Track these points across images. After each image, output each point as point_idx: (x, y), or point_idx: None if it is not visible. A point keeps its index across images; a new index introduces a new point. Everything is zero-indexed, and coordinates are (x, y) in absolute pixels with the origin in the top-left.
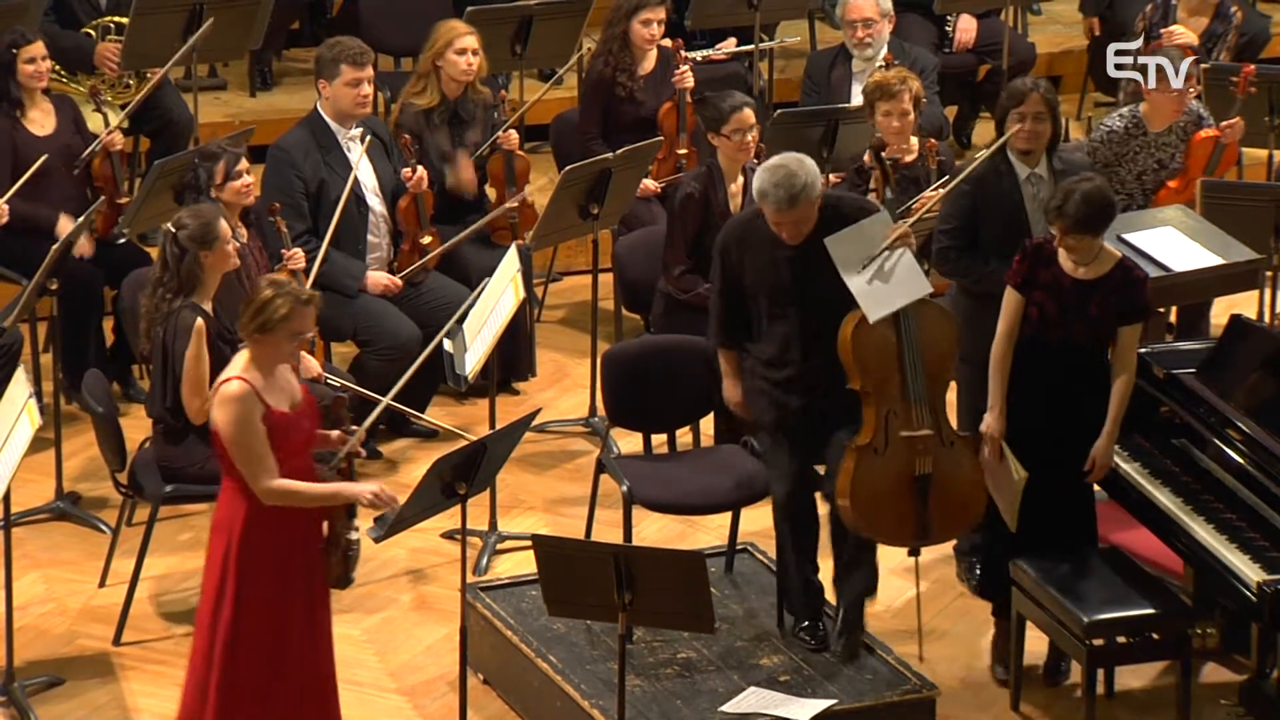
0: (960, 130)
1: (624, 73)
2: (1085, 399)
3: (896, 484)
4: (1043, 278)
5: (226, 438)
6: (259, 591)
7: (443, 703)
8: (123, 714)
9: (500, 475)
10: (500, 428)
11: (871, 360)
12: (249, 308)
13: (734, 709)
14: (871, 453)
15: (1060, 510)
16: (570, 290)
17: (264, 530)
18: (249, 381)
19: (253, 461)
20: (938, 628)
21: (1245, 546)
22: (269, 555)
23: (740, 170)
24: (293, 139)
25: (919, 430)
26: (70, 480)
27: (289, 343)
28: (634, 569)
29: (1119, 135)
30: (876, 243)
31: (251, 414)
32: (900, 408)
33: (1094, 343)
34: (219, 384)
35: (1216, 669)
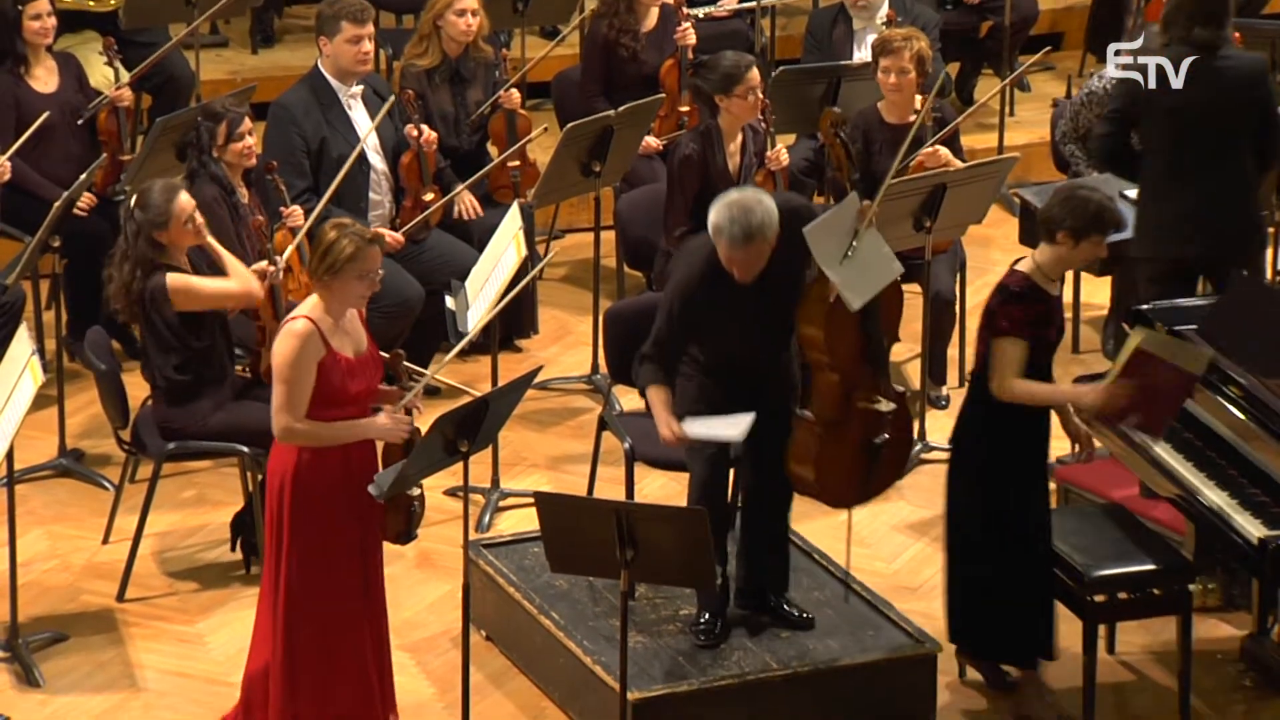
0: (962, 87)
1: (627, 32)
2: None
3: (855, 452)
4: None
5: (276, 369)
6: (311, 539)
7: (445, 659)
8: (126, 669)
9: (502, 432)
10: (502, 385)
11: (840, 340)
12: (315, 251)
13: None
14: (833, 424)
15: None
16: (572, 248)
17: (314, 475)
18: (315, 322)
19: (287, 397)
20: (940, 584)
21: (1247, 502)
22: (323, 500)
23: (739, 130)
24: (294, 97)
25: (884, 405)
26: (73, 437)
27: (358, 283)
28: (636, 526)
29: (1100, 95)
30: (849, 229)
31: (307, 355)
32: (865, 382)
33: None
34: (286, 320)
35: (1217, 625)
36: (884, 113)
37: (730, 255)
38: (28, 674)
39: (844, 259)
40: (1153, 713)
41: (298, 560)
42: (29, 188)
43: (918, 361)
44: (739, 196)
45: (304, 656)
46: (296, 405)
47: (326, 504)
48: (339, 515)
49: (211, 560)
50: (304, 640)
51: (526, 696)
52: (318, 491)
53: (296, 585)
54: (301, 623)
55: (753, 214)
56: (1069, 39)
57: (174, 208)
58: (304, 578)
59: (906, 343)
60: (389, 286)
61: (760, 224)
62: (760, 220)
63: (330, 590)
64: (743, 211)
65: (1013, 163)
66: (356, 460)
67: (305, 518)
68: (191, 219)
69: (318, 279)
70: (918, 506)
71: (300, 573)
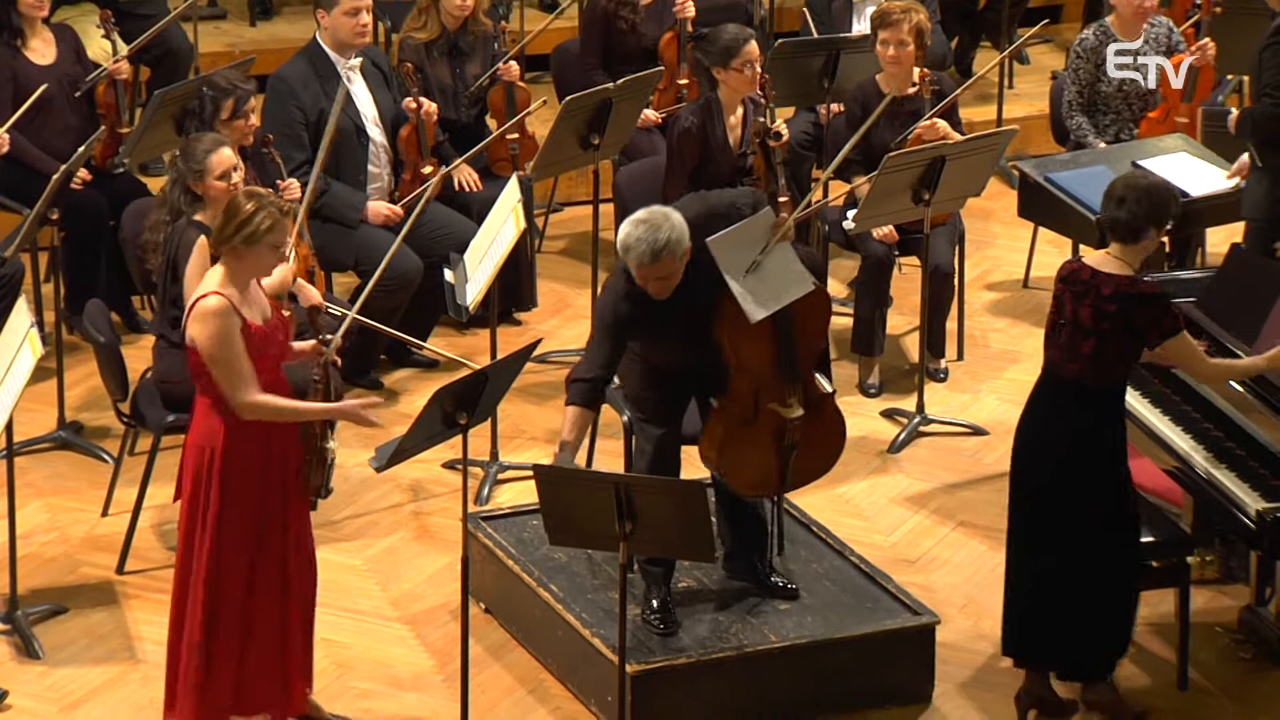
0: (961, 60)
1: (626, 5)
2: None
3: (764, 451)
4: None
5: (206, 353)
6: (240, 508)
7: (444, 631)
8: (125, 641)
9: (501, 405)
10: (501, 358)
11: (748, 346)
12: (230, 221)
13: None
14: (738, 419)
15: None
16: (571, 220)
17: (245, 445)
18: (227, 296)
19: (234, 376)
20: (938, 556)
21: (1245, 475)
22: (250, 471)
23: (739, 102)
24: (292, 69)
25: (792, 412)
26: (72, 410)
27: (270, 255)
28: (635, 498)
29: (1090, 44)
30: (759, 242)
31: (232, 328)
32: (773, 387)
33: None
34: (195, 299)
35: (1215, 597)
36: (882, 85)
37: (641, 274)
38: (27, 646)
39: (748, 271)
40: (1152, 685)
41: (225, 530)
42: (27, 160)
43: (916, 335)
44: (647, 215)
45: (225, 628)
46: (246, 378)
47: (255, 471)
48: (267, 481)
49: None
50: (226, 612)
51: (525, 668)
52: (246, 460)
53: (222, 555)
54: (225, 594)
55: (659, 231)
56: (1068, 11)
57: (211, 160)
58: (230, 547)
59: (906, 315)
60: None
61: (667, 241)
62: (667, 238)
63: (255, 559)
64: (650, 230)
65: (1011, 135)
66: (277, 427)
67: (234, 486)
68: (228, 175)
69: (231, 248)
70: (916, 479)
71: (227, 543)
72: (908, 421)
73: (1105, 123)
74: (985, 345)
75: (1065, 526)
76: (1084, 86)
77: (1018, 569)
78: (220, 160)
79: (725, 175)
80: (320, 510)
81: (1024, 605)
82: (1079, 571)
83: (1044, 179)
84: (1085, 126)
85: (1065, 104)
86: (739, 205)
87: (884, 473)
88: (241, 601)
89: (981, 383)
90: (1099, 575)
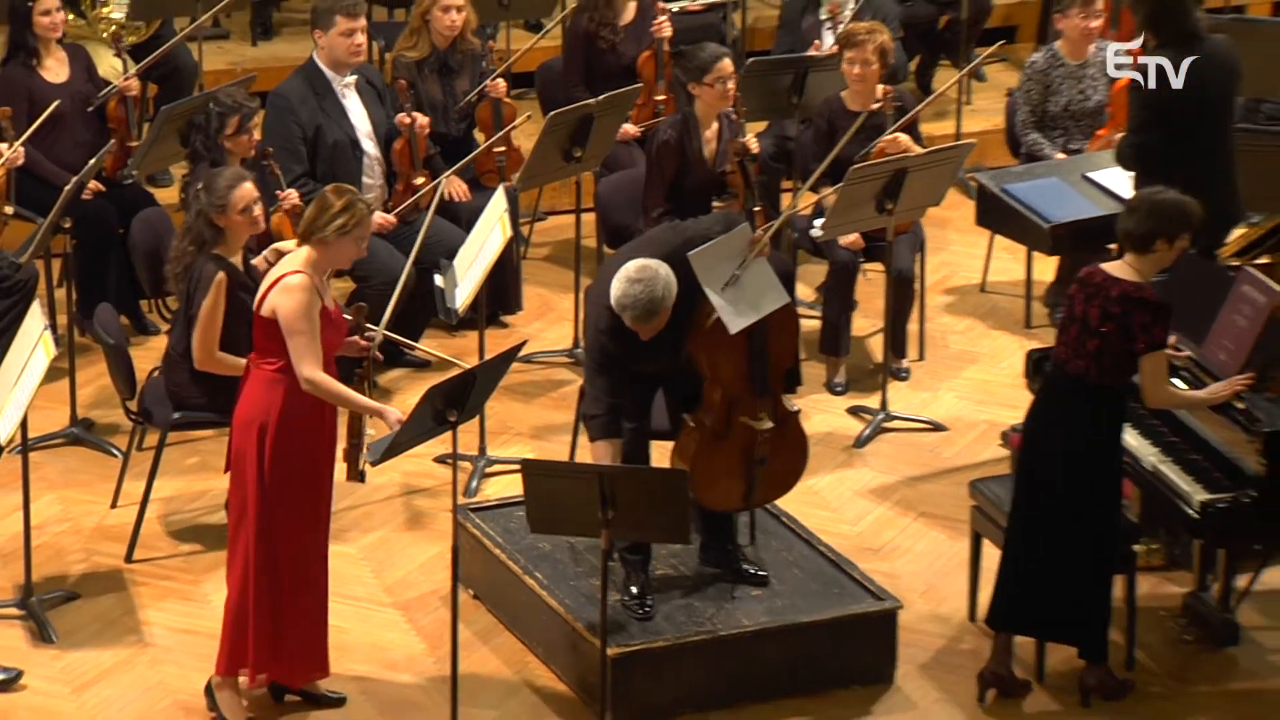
0: (922, 76)
1: (606, 25)
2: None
3: (733, 464)
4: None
5: (288, 324)
6: (292, 478)
7: (435, 617)
8: (134, 626)
9: (489, 403)
10: (489, 358)
11: (723, 360)
12: (323, 213)
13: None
14: (713, 435)
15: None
16: (555, 229)
17: (299, 420)
18: (310, 276)
19: (307, 346)
20: (900, 545)
21: (1189, 469)
22: (303, 444)
23: (715, 117)
24: (290, 86)
25: (762, 425)
26: (84, 407)
27: (354, 247)
28: (618, 488)
29: (1040, 66)
30: (737, 256)
31: (314, 304)
32: (746, 400)
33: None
34: (281, 275)
35: (1161, 583)
36: (847, 101)
37: (636, 327)
38: (41, 630)
39: (727, 285)
40: None
41: (279, 498)
42: (41, 173)
43: (880, 336)
44: (639, 274)
45: (286, 590)
46: (316, 353)
47: (309, 445)
48: (318, 456)
49: (214, 523)
50: (288, 582)
51: (511, 652)
52: (301, 432)
53: (275, 523)
54: (286, 567)
55: (654, 289)
56: (1023, 31)
57: (233, 196)
58: (284, 516)
59: (870, 318)
60: (380, 264)
61: (661, 297)
62: (660, 294)
63: (307, 527)
64: (645, 289)
65: (969, 148)
66: (330, 409)
67: (289, 458)
68: (249, 209)
69: (321, 237)
70: (879, 473)
71: (279, 511)
72: (872, 418)
73: (1055, 136)
74: (945, 346)
75: (1063, 511)
76: (1035, 106)
77: (1014, 547)
78: (242, 195)
79: (701, 186)
80: None
81: (1018, 581)
82: (1072, 553)
83: (1000, 190)
84: (1040, 141)
85: (1019, 123)
86: (712, 232)
87: (850, 466)
88: (297, 566)
89: (941, 381)
90: (1087, 559)
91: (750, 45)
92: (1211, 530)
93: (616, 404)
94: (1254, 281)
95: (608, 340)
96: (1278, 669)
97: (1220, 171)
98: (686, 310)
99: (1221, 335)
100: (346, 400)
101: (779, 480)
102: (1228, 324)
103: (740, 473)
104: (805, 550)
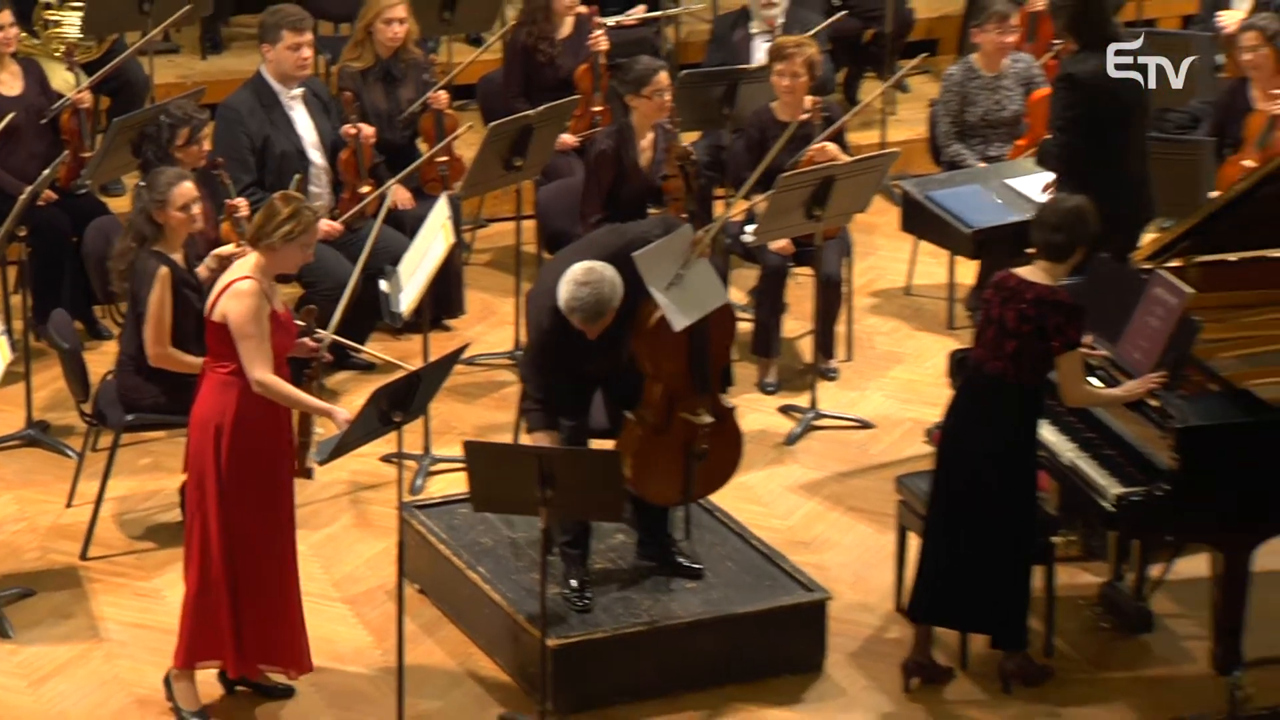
0: (849, 88)
1: (544, 39)
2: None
3: (674, 458)
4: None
5: (238, 328)
6: (249, 477)
7: (382, 610)
8: (89, 621)
9: (433, 404)
10: (433, 360)
11: (665, 356)
12: (270, 220)
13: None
14: (654, 430)
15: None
16: (496, 235)
17: (254, 421)
18: (258, 281)
19: (257, 351)
20: (829, 538)
21: (1105, 464)
22: (259, 444)
23: (651, 128)
24: (239, 99)
25: (702, 419)
26: (39, 410)
27: (300, 253)
28: (555, 469)
29: (957, 79)
30: (680, 256)
31: (262, 309)
32: (686, 395)
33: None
34: (230, 281)
35: (1078, 573)
36: (777, 112)
37: (584, 328)
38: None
39: (671, 284)
40: None
41: (236, 496)
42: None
43: (809, 338)
44: (586, 277)
45: (248, 591)
46: (266, 356)
47: (265, 444)
48: (275, 454)
49: (166, 521)
50: (247, 576)
51: (455, 644)
52: (256, 433)
53: (232, 521)
54: (245, 561)
55: (601, 291)
56: (944, 45)
57: (173, 193)
58: (240, 513)
59: (800, 320)
60: (328, 270)
61: (609, 297)
62: (608, 294)
63: (267, 524)
64: (592, 292)
65: (894, 157)
66: (284, 409)
67: (245, 457)
68: (188, 207)
69: (269, 243)
70: (809, 469)
71: (236, 509)
72: (802, 416)
73: (974, 144)
74: (871, 347)
75: (982, 507)
76: (955, 117)
77: (935, 541)
78: (182, 193)
79: (637, 194)
80: None
81: (938, 575)
82: (991, 548)
83: (923, 196)
84: (962, 151)
85: (942, 134)
86: (651, 235)
87: (780, 463)
88: (258, 563)
89: (868, 381)
90: (1006, 552)
91: (683, 58)
92: (1126, 522)
93: (554, 401)
94: (1165, 284)
95: (550, 340)
96: (1190, 655)
97: (1136, 174)
98: (628, 311)
99: (1136, 335)
100: (296, 401)
101: (715, 475)
102: (1142, 325)
103: (679, 467)
104: (738, 544)
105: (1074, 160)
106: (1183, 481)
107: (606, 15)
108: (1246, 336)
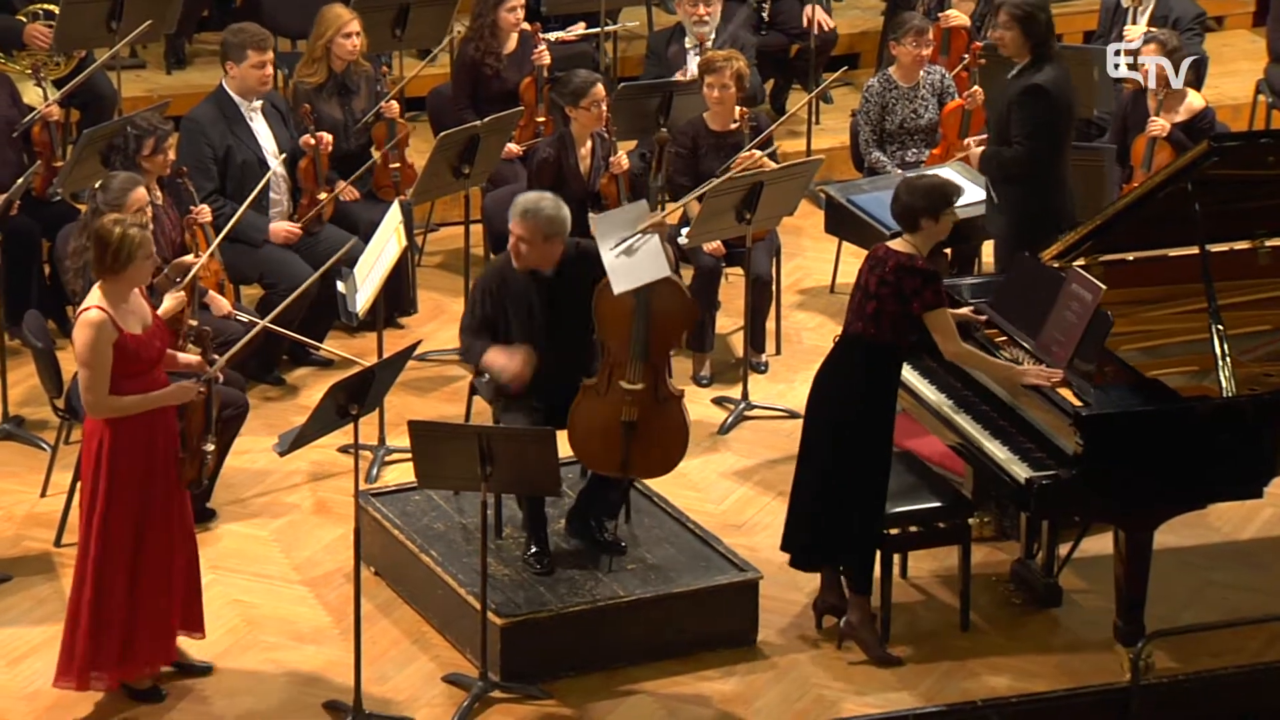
0: (776, 99)
1: (491, 54)
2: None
3: (606, 423)
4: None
5: (77, 356)
6: (126, 490)
7: (340, 592)
8: (63, 605)
9: (387, 397)
10: (387, 357)
11: (608, 318)
12: (106, 250)
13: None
14: (594, 393)
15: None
16: (446, 239)
17: (129, 436)
18: (106, 310)
19: (92, 378)
20: (761, 522)
21: (1015, 449)
22: (135, 458)
23: (589, 137)
24: (202, 111)
25: (633, 384)
26: (15, 405)
27: (145, 265)
28: (495, 447)
29: (876, 90)
30: (633, 225)
31: (103, 339)
32: (622, 361)
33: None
34: (80, 311)
35: (992, 552)
36: (709, 122)
37: (522, 231)
38: None
39: (617, 247)
40: (938, 627)
41: (113, 508)
42: None
43: (741, 334)
44: (550, 197)
45: (111, 597)
46: (100, 385)
47: (140, 458)
48: (151, 468)
49: None
50: (113, 583)
51: (410, 623)
52: (131, 448)
53: (110, 532)
54: (111, 569)
55: (559, 211)
56: (865, 58)
57: (128, 197)
58: (118, 525)
59: (732, 317)
60: (287, 272)
61: (562, 220)
62: (561, 219)
63: (141, 536)
64: (552, 204)
65: (818, 164)
66: (159, 422)
67: (122, 470)
68: (142, 211)
69: (110, 272)
70: (741, 457)
71: (114, 520)
72: (735, 407)
73: (893, 150)
74: (799, 341)
75: (838, 450)
76: (874, 126)
77: (797, 482)
78: (136, 198)
79: (577, 199)
80: (230, 489)
81: (800, 512)
82: (842, 488)
83: (846, 200)
84: (882, 159)
85: (863, 142)
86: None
87: (715, 451)
88: (128, 575)
89: (796, 373)
90: (855, 493)
91: (621, 72)
92: (1036, 504)
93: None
94: (1081, 280)
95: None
96: (1096, 626)
97: (1067, 178)
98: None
99: (1054, 329)
100: (137, 405)
101: (656, 457)
102: (1059, 319)
103: (615, 432)
104: (675, 527)
105: (1035, 166)
106: (1089, 465)
107: (549, 32)
108: (1146, 330)
